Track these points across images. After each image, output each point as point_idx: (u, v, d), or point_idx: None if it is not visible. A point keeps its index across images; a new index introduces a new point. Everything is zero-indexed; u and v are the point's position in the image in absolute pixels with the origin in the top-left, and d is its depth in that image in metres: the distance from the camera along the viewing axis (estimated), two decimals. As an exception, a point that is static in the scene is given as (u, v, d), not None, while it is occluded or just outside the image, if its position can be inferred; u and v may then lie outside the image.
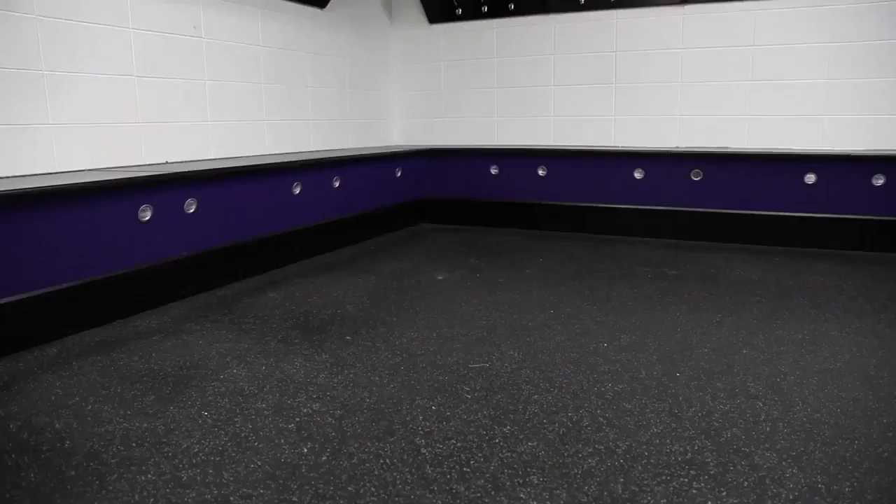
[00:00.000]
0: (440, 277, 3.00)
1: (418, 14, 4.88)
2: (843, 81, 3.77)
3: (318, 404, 1.67)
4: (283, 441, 1.48)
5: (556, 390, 1.74)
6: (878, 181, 3.41)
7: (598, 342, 2.11)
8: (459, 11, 4.69)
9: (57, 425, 1.57)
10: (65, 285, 2.24)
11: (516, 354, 2.01)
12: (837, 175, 3.50)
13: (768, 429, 1.50)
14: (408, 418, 1.58)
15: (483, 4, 4.60)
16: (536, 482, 1.29)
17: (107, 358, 2.02)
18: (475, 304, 2.57)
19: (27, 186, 2.12)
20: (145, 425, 1.56)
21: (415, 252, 3.60)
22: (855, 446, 1.42)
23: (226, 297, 2.72)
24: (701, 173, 3.75)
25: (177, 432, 1.52)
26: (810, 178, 3.53)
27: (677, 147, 4.02)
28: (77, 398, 1.73)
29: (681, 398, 1.68)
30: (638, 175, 3.90)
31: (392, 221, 4.23)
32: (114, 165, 2.88)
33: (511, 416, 1.59)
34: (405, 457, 1.40)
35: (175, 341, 2.17)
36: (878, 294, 2.65)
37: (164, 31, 3.09)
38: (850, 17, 3.71)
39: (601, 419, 1.57)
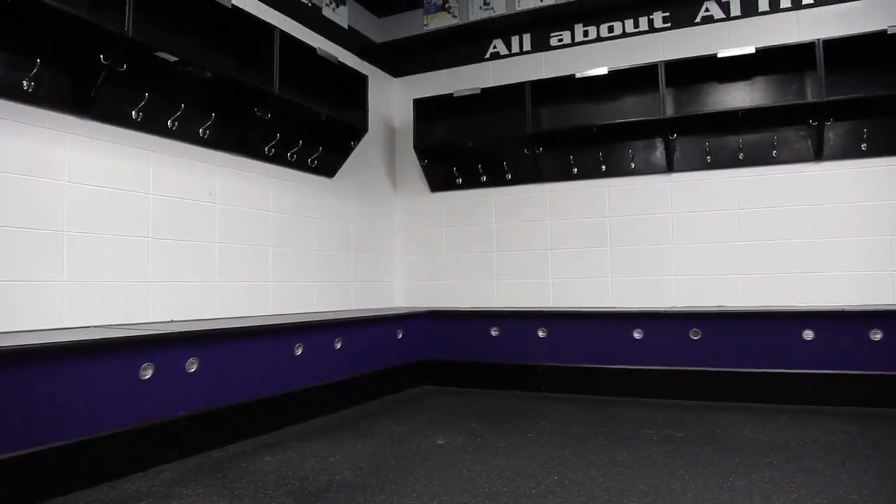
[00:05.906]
0: (441, 442, 2.92)
1: (421, 183, 5.19)
2: (828, 240, 3.94)
3: (310, 576, 1.57)
4: None
5: (563, 560, 1.64)
6: (876, 336, 3.43)
7: (606, 508, 2.02)
8: (460, 181, 5.00)
9: None
10: (52, 445, 2.16)
11: (521, 521, 1.91)
12: (835, 331, 3.52)
13: None
14: (406, 592, 1.48)
15: (482, 175, 4.91)
16: None
17: (91, 526, 1.93)
18: (477, 469, 2.48)
19: (25, 343, 2.12)
20: None
21: (415, 415, 3.53)
22: None
23: (220, 459, 2.63)
24: (699, 332, 3.78)
25: None
26: (808, 335, 3.55)
27: (674, 307, 4.09)
28: (55, 570, 1.63)
29: (696, 569, 1.58)
30: (637, 335, 3.93)
31: (393, 383, 4.19)
32: (120, 323, 2.93)
33: (516, 589, 1.49)
34: None
35: (164, 508, 2.08)
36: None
37: (181, 197, 3.28)
38: (829, 180, 3.96)
39: (613, 592, 1.46)
